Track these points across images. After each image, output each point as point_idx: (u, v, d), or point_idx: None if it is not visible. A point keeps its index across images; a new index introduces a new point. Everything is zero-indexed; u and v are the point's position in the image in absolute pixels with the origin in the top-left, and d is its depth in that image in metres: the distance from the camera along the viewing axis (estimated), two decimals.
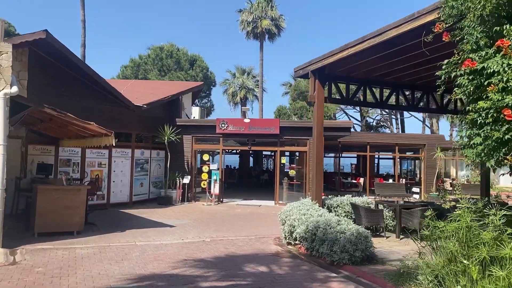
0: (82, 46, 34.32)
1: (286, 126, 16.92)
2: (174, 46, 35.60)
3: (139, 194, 16.23)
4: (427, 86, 11.15)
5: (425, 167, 21.42)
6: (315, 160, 9.99)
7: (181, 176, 17.07)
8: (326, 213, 8.93)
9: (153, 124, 16.78)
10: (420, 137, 21.74)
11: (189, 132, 17.54)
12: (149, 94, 17.30)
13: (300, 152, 18.56)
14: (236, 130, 16.94)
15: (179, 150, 17.52)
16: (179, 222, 12.23)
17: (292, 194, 17.94)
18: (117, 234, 10.23)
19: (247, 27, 41.31)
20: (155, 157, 17.20)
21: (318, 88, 9.88)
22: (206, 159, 17.61)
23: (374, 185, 20.26)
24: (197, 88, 19.08)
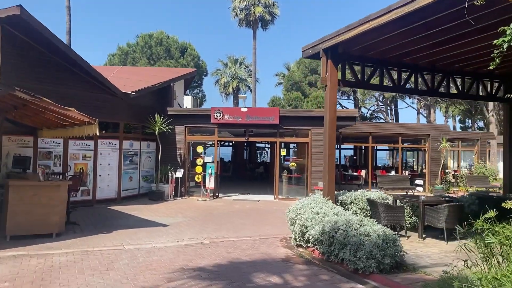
0: (68, 33, 32.69)
1: (286, 115, 15.76)
2: (164, 34, 34.10)
3: (128, 189, 14.98)
4: (447, 69, 10.06)
5: (429, 158, 20.46)
6: (327, 150, 8.85)
7: (174, 170, 15.86)
8: (342, 211, 7.81)
9: (142, 114, 15.50)
10: (424, 127, 20.77)
11: (182, 122, 16.29)
12: (138, 81, 15.99)
13: (300, 143, 17.43)
14: (232, 120, 15.73)
15: (171, 141, 16.28)
16: (173, 221, 11.04)
17: (292, 188, 16.85)
18: (102, 235, 9.02)
19: (240, 14, 39.85)
20: (145, 149, 15.93)
21: (330, 69, 8.72)
22: (200, 151, 16.40)
23: (377, 178, 19.28)
24: (189, 75, 17.79)
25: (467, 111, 48.95)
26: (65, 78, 12.67)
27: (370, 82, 9.62)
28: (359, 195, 9.59)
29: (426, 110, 46.61)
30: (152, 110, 15.77)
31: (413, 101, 51.54)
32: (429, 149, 20.39)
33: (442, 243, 8.33)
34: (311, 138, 15.69)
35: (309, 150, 15.77)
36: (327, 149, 8.84)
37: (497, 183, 22.79)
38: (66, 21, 32.84)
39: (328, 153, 8.82)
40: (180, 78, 17.18)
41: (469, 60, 9.66)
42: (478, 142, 24.23)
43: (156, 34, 33.62)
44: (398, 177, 19.75)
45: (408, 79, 9.88)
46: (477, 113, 47.66)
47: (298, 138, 16.88)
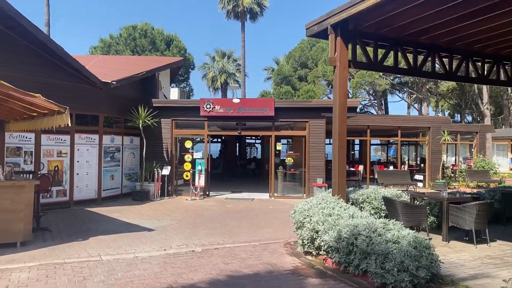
0: (47, 25, 31.04)
1: (282, 106, 14.56)
2: (148, 25, 32.59)
3: (110, 189, 13.64)
4: (466, 49, 8.97)
5: (429, 152, 19.48)
6: (337, 142, 7.67)
7: (160, 167, 14.55)
8: (358, 212, 6.66)
9: (125, 106, 14.15)
10: (425, 119, 19.79)
11: (168, 115, 14.98)
12: (120, 70, 14.61)
13: (297, 137, 16.26)
14: (223, 112, 14.48)
15: (157, 136, 14.96)
16: (159, 224, 9.78)
17: (288, 185, 15.69)
18: (77, 243, 7.73)
19: (227, 5, 38.53)
20: (128, 145, 14.59)
21: (340, 48, 7.54)
22: (189, 146, 15.11)
23: (376, 173, 18.24)
24: (176, 65, 16.45)
25: (457, 105, 48.56)
26: (34, 64, 11.27)
27: (384, 65, 8.45)
28: (371, 193, 8.46)
29: (418, 104, 45.94)
30: (136, 101, 14.43)
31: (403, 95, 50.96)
32: (430, 142, 19.42)
33: (471, 247, 7.25)
34: (309, 131, 14.53)
35: (307, 144, 14.61)
36: (337, 140, 7.67)
37: (498, 178, 21.98)
38: (45, 12, 31.19)
39: (338, 145, 7.65)
40: (166, 67, 15.84)
41: (491, 40, 8.61)
42: (477, 135, 23.38)
43: (140, 25, 32.12)
44: (398, 172, 18.73)
45: (425, 60, 8.74)
46: (467, 107, 47.28)
47: (295, 131, 15.70)
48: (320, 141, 14.53)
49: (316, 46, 45.20)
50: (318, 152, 14.49)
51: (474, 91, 37.94)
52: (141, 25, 32.19)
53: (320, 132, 14.52)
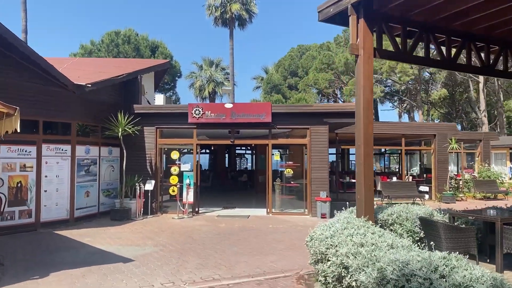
0: (24, 31, 29.30)
1: (280, 112, 13.03)
2: (132, 31, 30.98)
3: (85, 207, 11.87)
4: (506, 38, 7.58)
5: (435, 161, 18.15)
6: (362, 148, 6.15)
7: (143, 181, 12.86)
8: (398, 240, 5.10)
9: (102, 112, 12.48)
10: (430, 126, 18.51)
11: (152, 122, 13.33)
12: (97, 73, 12.96)
13: (296, 145, 14.75)
14: (214, 119, 12.90)
15: (139, 146, 13.28)
16: (140, 251, 8.08)
17: (287, 200, 14.10)
18: (32, 283, 6.01)
19: (215, 12, 37.18)
20: (106, 156, 12.86)
21: (364, 32, 6.05)
22: (176, 157, 13.46)
23: (380, 185, 16.79)
24: (160, 67, 14.82)
25: (447, 114, 47.82)
26: None
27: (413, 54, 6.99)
28: (401, 211, 6.92)
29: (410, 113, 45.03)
30: (115, 107, 12.77)
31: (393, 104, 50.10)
32: (435, 151, 18.09)
33: None
34: (310, 139, 13.01)
35: (308, 153, 13.08)
36: (362, 146, 6.14)
37: (504, 188, 20.71)
38: (22, 18, 29.51)
39: (364, 152, 6.13)
40: (149, 70, 14.23)
41: None
42: (480, 143, 22.17)
43: (124, 31, 30.47)
44: (403, 183, 17.33)
45: (459, 51, 7.31)
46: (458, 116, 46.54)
47: (294, 139, 14.18)
48: (322, 150, 13.01)
49: (306, 54, 44.12)
50: (321, 162, 12.97)
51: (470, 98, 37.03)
52: (124, 31, 30.58)
53: (322, 140, 13.02)
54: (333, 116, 12.96)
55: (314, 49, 44.39)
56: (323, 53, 39.04)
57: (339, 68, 36.47)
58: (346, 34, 43.22)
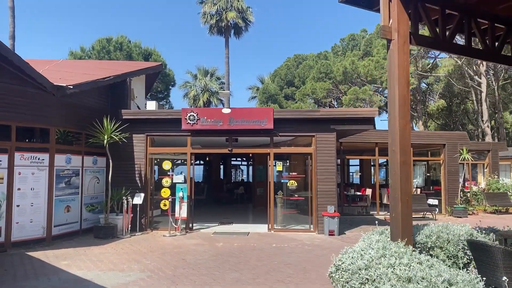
0: (11, 38, 28.09)
1: (283, 117, 11.86)
2: (124, 38, 29.86)
3: (64, 224, 10.55)
4: None
5: (445, 172, 17.01)
6: (399, 157, 4.96)
7: (131, 194, 11.59)
8: (454, 272, 3.89)
9: (86, 117, 11.25)
10: (439, 135, 17.42)
11: (142, 129, 12.11)
12: (82, 75, 11.76)
13: (300, 154, 13.57)
14: (211, 125, 11.70)
15: (127, 155, 12.02)
16: (124, 279, 6.79)
17: (290, 215, 12.86)
18: None
19: (210, 20, 36.22)
20: (90, 167, 11.59)
21: (398, 11, 4.93)
22: (168, 168, 12.22)
23: (384, 197, 15.62)
24: (152, 70, 13.61)
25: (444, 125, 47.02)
26: None
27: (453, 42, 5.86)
28: (441, 232, 5.73)
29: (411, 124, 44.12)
30: (100, 112, 11.56)
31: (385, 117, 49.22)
32: (445, 161, 16.97)
33: None
34: (316, 147, 11.84)
35: (313, 163, 11.89)
36: (398, 154, 4.95)
37: None
38: (10, 24, 28.33)
39: (400, 160, 4.94)
40: (140, 73, 13.03)
41: None
42: (489, 153, 21.12)
43: (116, 38, 29.35)
44: (413, 196, 16.14)
45: (504, 40, 6.20)
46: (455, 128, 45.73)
47: (298, 147, 12.98)
48: (329, 160, 11.83)
49: (302, 64, 43.27)
50: (328, 173, 11.78)
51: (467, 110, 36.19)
52: (116, 37, 29.47)
53: (329, 149, 11.85)
54: (342, 123, 11.81)
55: (311, 58, 43.58)
56: (321, 62, 38.18)
57: (337, 77, 35.54)
58: (344, 43, 42.55)
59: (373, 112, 11.80)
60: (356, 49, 39.26)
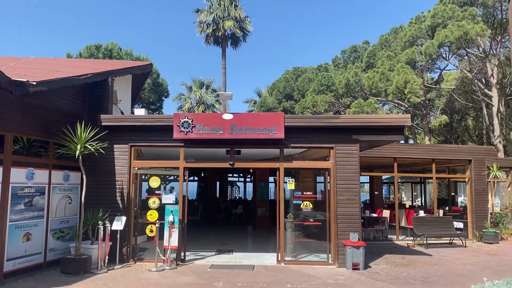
0: None
1: (295, 125, 9.85)
2: (115, 45, 28.03)
3: (22, 257, 8.35)
4: None
5: (471, 192, 15.02)
6: None
7: (110, 218, 9.46)
8: None
9: (55, 122, 9.18)
10: (464, 150, 15.50)
11: (125, 138, 10.04)
12: (53, 72, 9.71)
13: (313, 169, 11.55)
14: (208, 134, 9.66)
15: (107, 170, 9.93)
16: None
17: (302, 243, 10.74)
18: None
19: (207, 29, 34.53)
20: (60, 184, 9.46)
21: None
22: (156, 185, 10.13)
23: (412, 221, 13.57)
24: (139, 70, 11.51)
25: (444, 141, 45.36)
26: None
27: None
28: None
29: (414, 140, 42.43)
30: (75, 117, 9.52)
31: None
32: (472, 179, 15.01)
33: None
34: (335, 161, 9.81)
35: (332, 180, 9.85)
36: None
37: None
38: None
39: None
40: (124, 72, 10.97)
41: None
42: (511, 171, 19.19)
43: (105, 45, 27.50)
44: (437, 219, 14.15)
45: None
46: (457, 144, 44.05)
47: (314, 162, 10.92)
48: (351, 176, 9.81)
49: (302, 76, 41.59)
50: (350, 192, 9.73)
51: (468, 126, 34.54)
52: (106, 44, 27.60)
53: (352, 163, 9.84)
54: (366, 132, 9.83)
55: (310, 71, 41.94)
56: (322, 74, 36.47)
57: (339, 89, 33.79)
58: (345, 55, 41.00)
59: (405, 120, 9.81)
60: (358, 61, 37.69)
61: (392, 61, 30.70)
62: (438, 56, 28.27)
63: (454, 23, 25.19)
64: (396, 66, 28.98)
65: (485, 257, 11.41)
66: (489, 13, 27.68)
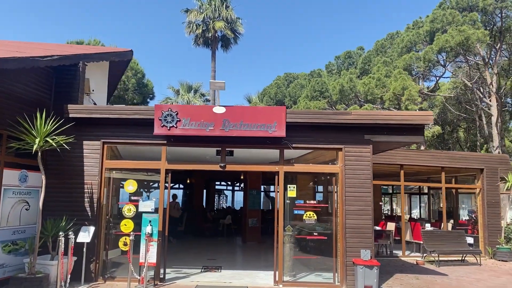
0: None
1: (299, 122, 8.40)
2: (98, 42, 26.44)
3: None
4: None
5: (483, 204, 13.73)
6: None
7: (75, 228, 7.85)
8: None
9: (10, 111, 7.60)
10: (476, 157, 14.22)
11: (97, 133, 8.48)
12: (12, 53, 8.10)
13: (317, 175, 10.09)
14: (196, 130, 8.16)
15: (73, 170, 8.34)
16: None
17: (305, 261, 9.24)
18: None
19: (196, 29, 33.10)
20: (14, 186, 7.84)
21: None
22: (132, 190, 8.56)
23: (422, 236, 12.19)
24: (117, 57, 9.80)
25: None
26: None
27: None
28: None
29: None
30: (35, 107, 7.93)
31: None
32: (484, 190, 13.72)
33: None
34: (343, 165, 8.38)
35: (340, 187, 8.40)
36: None
37: None
38: None
39: None
40: (99, 58, 9.33)
41: None
42: None
43: (88, 41, 25.88)
44: (449, 234, 12.82)
45: None
46: None
47: (319, 166, 9.41)
48: (363, 183, 8.38)
49: (294, 82, 40.45)
50: (361, 201, 8.30)
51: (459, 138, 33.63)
52: (88, 40, 25.99)
53: (363, 167, 8.42)
54: (381, 131, 8.43)
55: (303, 77, 40.84)
56: (315, 80, 35.28)
57: (333, 96, 32.59)
58: (339, 61, 39.94)
59: (427, 118, 8.43)
60: (352, 68, 36.64)
61: (389, 67, 29.65)
62: (436, 62, 27.30)
63: (454, 28, 24.20)
64: (393, 72, 27.90)
65: (507, 277, 10.08)
66: (488, 20, 26.86)
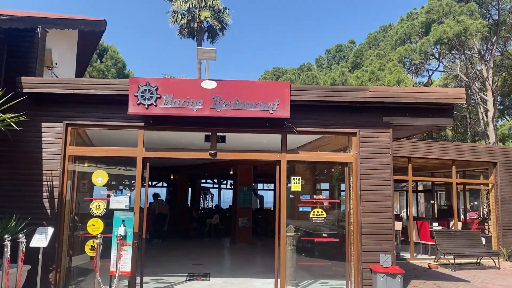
0: None
1: (306, 100, 6.95)
2: None
3: None
4: None
5: (497, 201, 12.54)
6: None
7: (28, 228, 6.27)
8: None
9: None
10: (488, 150, 13.00)
11: (58, 113, 6.90)
12: None
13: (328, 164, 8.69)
14: (180, 109, 6.66)
15: (28, 158, 6.75)
16: None
17: (310, 268, 7.82)
18: None
19: (181, 19, 31.45)
20: None
21: None
22: (101, 183, 7.00)
23: (434, 236, 10.89)
24: (88, 26, 8.03)
25: None
26: None
27: None
28: None
29: None
30: None
31: None
32: (497, 185, 12.53)
33: None
34: (358, 152, 6.98)
35: (354, 179, 7.00)
36: None
37: None
38: None
39: None
40: (62, 24, 7.56)
41: None
42: None
43: None
44: (463, 234, 11.58)
45: None
46: None
47: (328, 154, 7.96)
48: (382, 175, 6.99)
49: (282, 77, 39.13)
50: (379, 196, 6.91)
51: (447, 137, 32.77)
52: None
53: (382, 155, 7.04)
54: (403, 112, 7.05)
55: (291, 72, 39.53)
56: (306, 73, 34.06)
57: None
58: (330, 55, 38.78)
59: (459, 95, 7.06)
60: (343, 61, 35.48)
61: (382, 60, 28.54)
62: (431, 56, 26.30)
63: (452, 18, 23.14)
64: (387, 65, 26.77)
65: None
66: (484, 13, 25.94)
